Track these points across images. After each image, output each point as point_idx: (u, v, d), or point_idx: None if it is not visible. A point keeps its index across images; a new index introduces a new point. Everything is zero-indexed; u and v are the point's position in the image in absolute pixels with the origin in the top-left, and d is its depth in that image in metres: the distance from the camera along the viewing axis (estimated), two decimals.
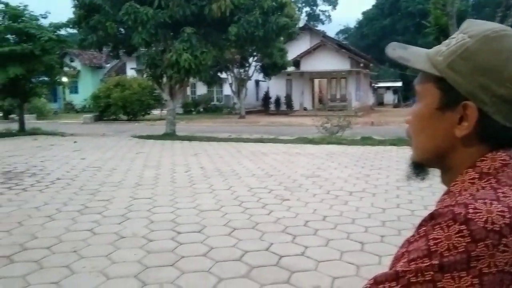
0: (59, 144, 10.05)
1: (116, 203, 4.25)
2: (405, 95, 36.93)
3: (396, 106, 33.96)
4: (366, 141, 9.73)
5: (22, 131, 13.39)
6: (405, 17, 40.90)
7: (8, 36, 13.12)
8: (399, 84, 36.30)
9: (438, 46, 0.59)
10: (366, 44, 42.91)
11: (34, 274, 2.54)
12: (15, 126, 13.91)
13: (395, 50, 0.62)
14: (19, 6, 13.22)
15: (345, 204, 4.25)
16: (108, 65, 31.36)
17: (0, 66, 12.30)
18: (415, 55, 0.60)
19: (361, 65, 26.41)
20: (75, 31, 14.32)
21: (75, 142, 10.47)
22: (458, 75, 0.53)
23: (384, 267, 0.51)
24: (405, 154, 7.64)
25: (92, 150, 8.66)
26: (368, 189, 4.89)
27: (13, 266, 2.67)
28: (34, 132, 13.09)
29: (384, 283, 0.47)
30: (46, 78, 14.48)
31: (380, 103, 35.87)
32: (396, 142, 9.33)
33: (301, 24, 23.50)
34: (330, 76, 26.05)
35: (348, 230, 3.41)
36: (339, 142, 9.62)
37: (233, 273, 2.59)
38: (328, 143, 9.53)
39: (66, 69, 15.30)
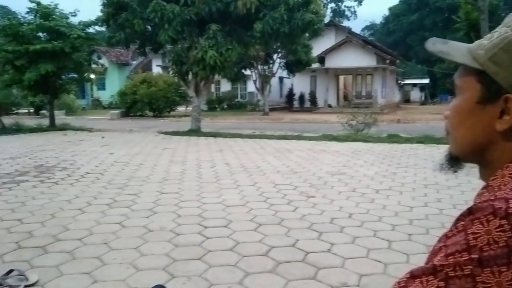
0: (88, 139, 10.30)
1: (144, 197, 4.33)
2: (433, 92, 36.11)
3: (423, 103, 33.30)
4: (392, 138, 9.58)
5: (52, 127, 13.77)
6: (433, 12, 39.98)
7: (40, 34, 13.49)
8: (427, 81, 35.54)
9: (480, 40, 0.59)
10: (392, 40, 42.16)
11: (67, 264, 2.62)
12: (45, 122, 14.32)
13: (435, 45, 0.62)
14: (50, 5, 13.57)
15: (372, 202, 4.20)
16: (134, 62, 31.88)
17: (32, 63, 12.69)
18: (455, 49, 0.60)
19: (387, 61, 25.99)
20: (102, 29, 14.63)
21: (103, 137, 10.70)
22: (500, 68, 0.53)
23: (412, 266, 0.51)
24: (433, 152, 7.49)
25: (119, 145, 8.84)
26: (395, 187, 4.82)
27: (47, 256, 2.76)
28: (64, 128, 13.44)
29: (421, 277, 0.47)
30: (75, 75, 14.85)
31: (407, 100, 35.24)
32: (424, 140, 9.15)
33: (326, 20, 23.26)
34: (356, 72, 25.74)
35: (375, 228, 3.38)
36: (365, 139, 9.50)
37: (260, 268, 2.60)
38: (354, 140, 9.44)
39: (94, 66, 15.61)
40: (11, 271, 2.39)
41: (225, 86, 27.39)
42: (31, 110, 21.73)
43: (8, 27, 13.10)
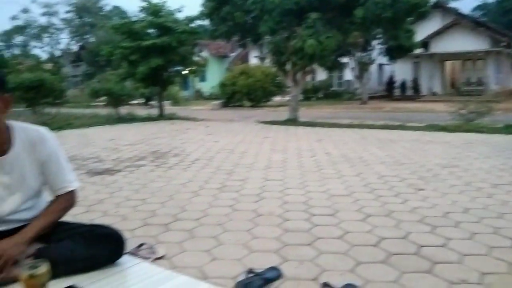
0: (194, 128, 10.97)
1: (251, 183, 4.52)
2: None
3: None
4: (510, 129, 8.69)
5: (161, 116, 14.90)
6: None
7: (150, 30, 14.61)
8: None
9: None
10: (509, 21, 37.93)
11: (188, 242, 2.86)
12: (154, 112, 15.53)
13: None
14: (159, 3, 14.58)
15: (490, 197, 3.89)
16: (233, 54, 32.99)
17: (144, 58, 13.82)
18: None
19: (502, 44, 23.46)
20: (204, 23, 15.35)
21: (207, 126, 11.31)
22: None
23: None
24: None
25: (223, 134, 9.28)
26: None
27: (169, 233, 3.03)
28: (171, 117, 14.47)
29: None
30: (180, 68, 15.84)
31: None
32: None
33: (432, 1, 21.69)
34: (465, 57, 23.72)
35: (495, 224, 3.13)
36: (478, 130, 8.76)
37: (371, 258, 2.58)
38: (465, 131, 8.75)
39: (196, 59, 16.50)
40: (142, 244, 2.67)
41: (321, 75, 27.07)
42: (142, 101, 23.71)
43: (123, 25, 14.39)
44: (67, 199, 2.00)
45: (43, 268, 1.58)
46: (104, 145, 7.76)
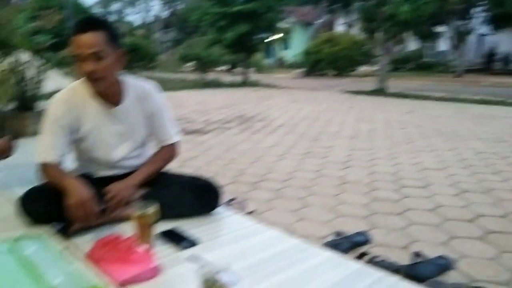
0: (277, 95, 11.02)
1: (337, 151, 4.47)
2: None
3: None
4: None
5: (245, 83, 15.15)
6: None
7: None
8: None
9: None
10: None
11: (276, 201, 2.94)
12: (238, 79, 15.81)
13: None
14: None
15: None
16: (318, 21, 32.11)
17: (231, 24, 14.02)
18: None
19: None
20: None
21: (291, 94, 11.29)
22: None
23: None
24: None
25: (306, 102, 9.21)
26: None
27: (258, 192, 3.13)
28: (255, 84, 14.65)
29: None
30: (265, 35, 15.83)
31: None
32: None
33: None
34: None
35: None
36: None
37: (466, 233, 2.45)
38: None
39: (281, 26, 16.35)
40: (233, 199, 2.80)
41: (412, 44, 25.41)
42: (227, 68, 24.22)
43: None
44: (170, 150, 2.14)
45: (152, 209, 1.73)
46: (193, 108, 8.12)
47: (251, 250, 1.69)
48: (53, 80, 4.49)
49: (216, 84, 14.29)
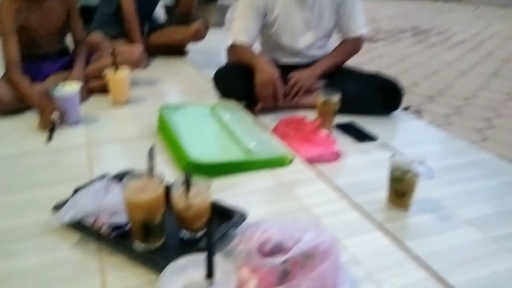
0: (458, 9, 9.63)
1: None
2: None
3: None
4: None
5: None
6: None
7: None
8: None
9: None
10: None
11: (456, 117, 2.68)
12: None
13: None
14: None
15: None
16: None
17: None
18: None
19: None
20: None
21: (474, 10, 9.77)
22: None
23: None
24: None
25: (496, 19, 7.87)
26: None
27: (434, 105, 2.89)
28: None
29: None
30: None
31: None
32: None
33: None
34: None
35: None
36: None
37: None
38: None
39: None
40: (408, 106, 2.63)
41: None
42: None
43: None
44: (354, 43, 2.05)
45: (336, 97, 1.71)
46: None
47: (435, 156, 1.58)
48: None
49: None
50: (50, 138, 1.51)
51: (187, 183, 0.88)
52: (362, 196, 1.21)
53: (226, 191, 1.14)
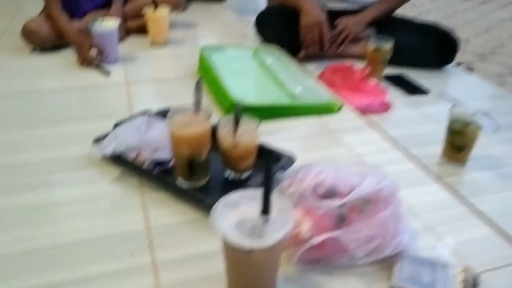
0: None
1: None
2: None
3: None
4: None
5: None
6: None
7: None
8: None
9: None
10: None
11: (510, 77, 2.49)
12: None
13: None
14: None
15: None
16: None
17: None
18: None
19: None
20: None
21: None
22: None
23: None
24: None
25: None
26: None
27: (487, 64, 2.71)
28: None
29: None
30: None
31: None
32: None
33: None
34: None
35: None
36: None
37: None
38: None
39: None
40: (460, 63, 2.45)
41: None
42: None
43: None
44: None
45: (388, 45, 1.59)
46: None
47: (493, 113, 1.45)
48: None
49: None
50: (106, 73, 1.49)
51: (236, 121, 0.82)
52: (417, 148, 1.12)
53: (272, 135, 1.07)
